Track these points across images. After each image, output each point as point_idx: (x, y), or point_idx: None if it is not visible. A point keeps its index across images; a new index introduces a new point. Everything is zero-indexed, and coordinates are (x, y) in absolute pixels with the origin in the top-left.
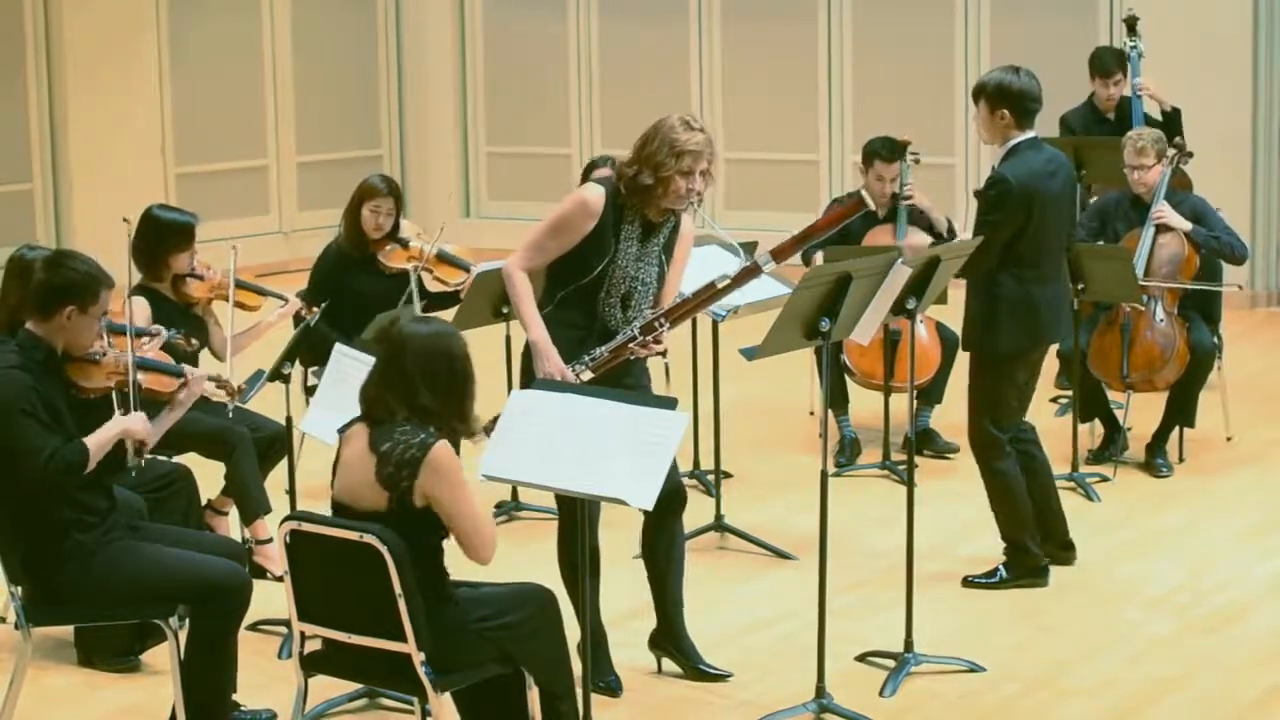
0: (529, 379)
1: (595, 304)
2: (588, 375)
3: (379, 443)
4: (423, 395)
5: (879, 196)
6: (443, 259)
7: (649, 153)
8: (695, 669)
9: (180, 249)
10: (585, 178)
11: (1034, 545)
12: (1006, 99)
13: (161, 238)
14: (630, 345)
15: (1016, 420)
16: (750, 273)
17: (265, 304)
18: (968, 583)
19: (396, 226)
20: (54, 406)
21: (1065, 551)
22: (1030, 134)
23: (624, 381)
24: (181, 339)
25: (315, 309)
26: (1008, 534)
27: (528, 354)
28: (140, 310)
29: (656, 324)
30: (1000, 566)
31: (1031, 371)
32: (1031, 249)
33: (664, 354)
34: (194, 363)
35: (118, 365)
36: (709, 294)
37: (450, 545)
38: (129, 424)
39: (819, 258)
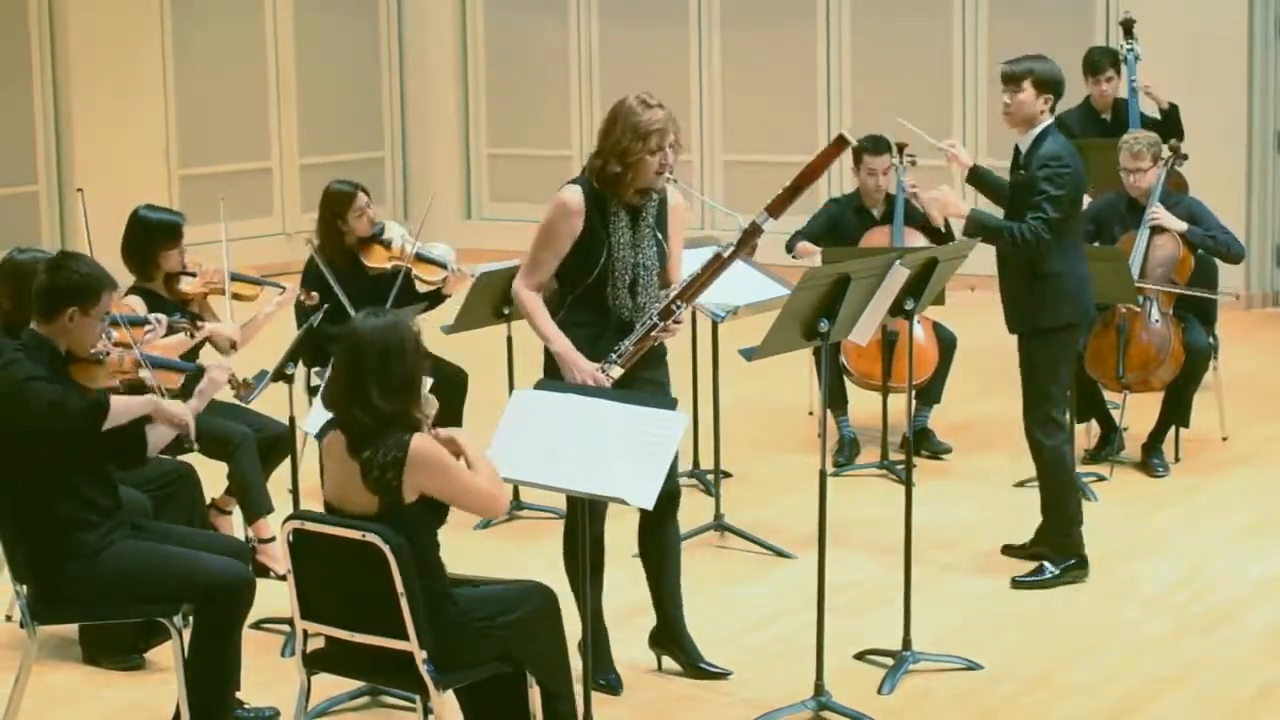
0: (552, 373)
1: (604, 298)
2: (617, 372)
3: (358, 449)
4: (374, 396)
5: (873, 191)
6: (420, 258)
7: (613, 141)
8: (695, 667)
9: (169, 248)
10: None
11: (1079, 533)
12: (1055, 86)
13: (149, 237)
14: (653, 333)
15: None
16: (752, 234)
17: (262, 294)
18: (1017, 584)
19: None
20: None
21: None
22: (1052, 119)
23: (644, 374)
24: (186, 323)
25: (314, 295)
26: (1057, 520)
27: (550, 358)
28: (137, 308)
29: (673, 306)
30: (1045, 563)
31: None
32: (1072, 227)
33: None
34: (198, 350)
35: (121, 364)
36: (717, 265)
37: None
38: (162, 402)
39: (817, 259)
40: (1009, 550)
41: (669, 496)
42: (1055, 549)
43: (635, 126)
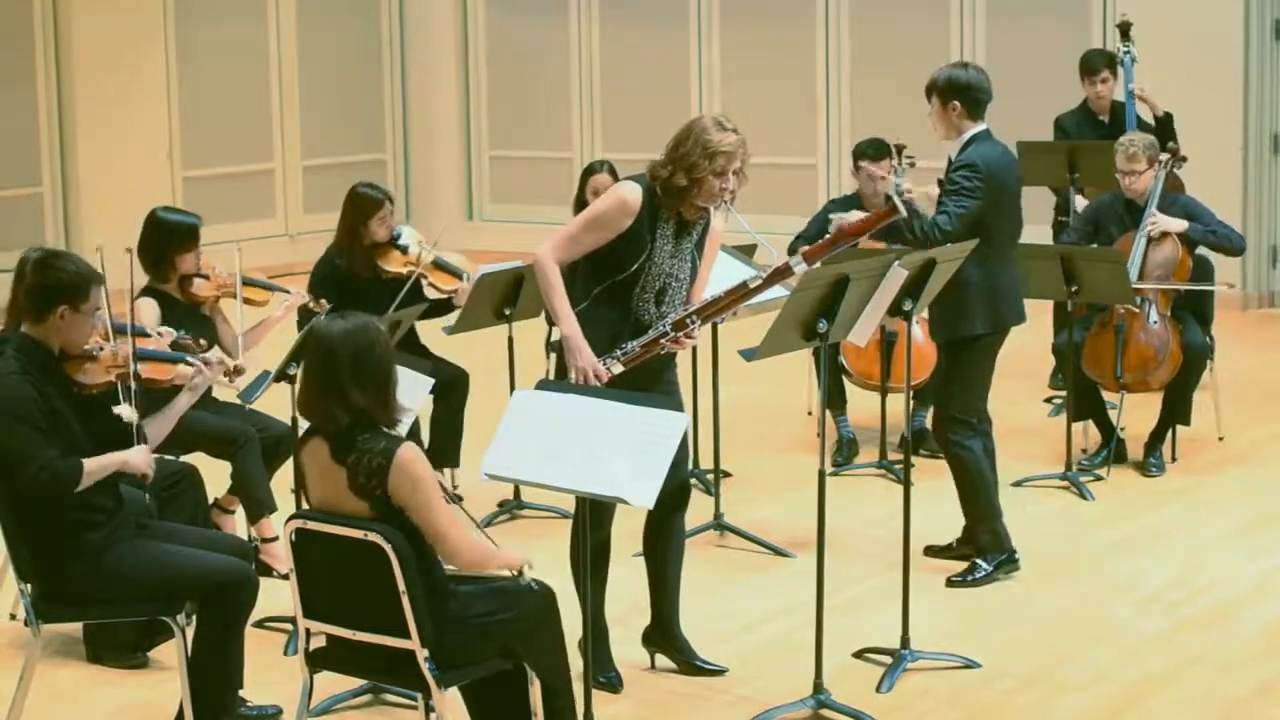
0: (562, 372)
1: (630, 300)
2: (618, 369)
3: (342, 454)
4: (354, 395)
5: (871, 196)
6: (438, 266)
7: (682, 154)
8: (691, 665)
9: (186, 250)
10: (583, 182)
11: (1001, 528)
12: (957, 92)
13: (167, 239)
14: (662, 340)
15: (982, 407)
16: (781, 273)
17: (272, 299)
18: (951, 583)
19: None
20: (55, 411)
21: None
22: (983, 126)
23: (659, 377)
24: (189, 340)
25: (322, 302)
26: (973, 517)
27: (561, 347)
28: (150, 312)
29: (688, 320)
30: (978, 561)
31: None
32: (993, 234)
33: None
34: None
35: (116, 358)
36: (740, 293)
37: None
38: (129, 457)
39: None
40: (931, 551)
41: (679, 492)
42: (983, 546)
43: (705, 145)
